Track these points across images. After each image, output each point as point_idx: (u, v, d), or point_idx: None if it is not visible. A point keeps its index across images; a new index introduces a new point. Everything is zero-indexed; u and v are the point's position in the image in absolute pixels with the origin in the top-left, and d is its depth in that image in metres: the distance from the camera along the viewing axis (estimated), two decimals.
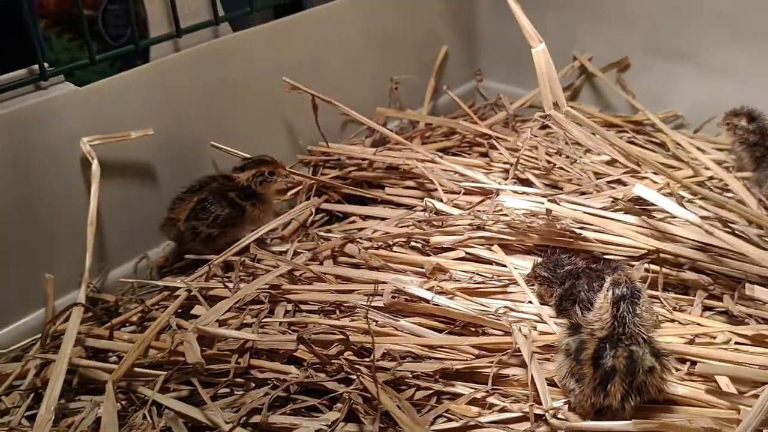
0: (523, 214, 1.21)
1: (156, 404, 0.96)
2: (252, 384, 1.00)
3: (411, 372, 0.99)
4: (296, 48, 1.47)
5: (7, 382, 1.02)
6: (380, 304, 1.11)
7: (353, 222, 1.40)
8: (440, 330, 1.08)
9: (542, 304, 1.10)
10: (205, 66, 1.33)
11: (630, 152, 1.10)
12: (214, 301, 1.12)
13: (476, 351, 1.03)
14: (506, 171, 1.41)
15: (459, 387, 0.98)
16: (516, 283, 1.14)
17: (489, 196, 1.32)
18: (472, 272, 1.18)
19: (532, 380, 0.95)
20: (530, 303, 1.10)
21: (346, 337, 0.99)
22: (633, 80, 1.65)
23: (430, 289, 1.12)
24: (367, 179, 1.48)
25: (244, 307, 1.11)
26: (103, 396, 0.94)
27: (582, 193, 1.30)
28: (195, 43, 1.34)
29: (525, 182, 1.37)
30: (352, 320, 1.10)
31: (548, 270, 1.10)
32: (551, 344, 1.01)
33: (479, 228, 1.23)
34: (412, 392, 0.97)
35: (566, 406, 0.93)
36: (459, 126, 1.57)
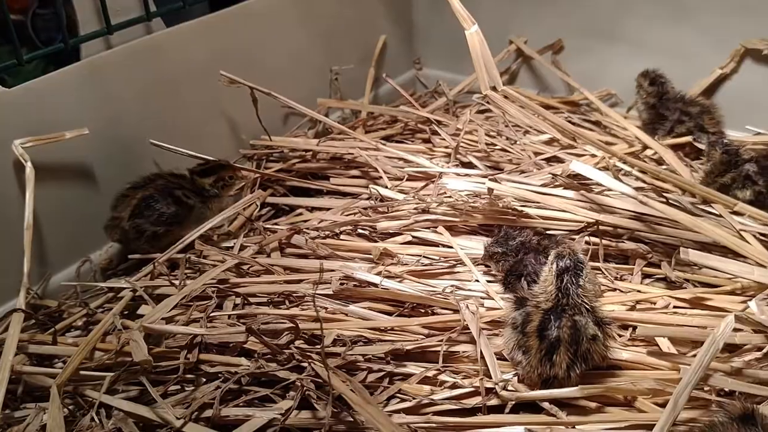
0: (467, 196, 1.23)
1: (105, 406, 0.95)
2: (203, 379, 0.99)
3: (362, 355, 1.00)
4: (233, 41, 1.46)
5: None
6: (329, 292, 1.11)
7: (300, 214, 1.40)
8: (390, 313, 1.08)
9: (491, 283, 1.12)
10: (139, 62, 1.30)
11: (566, 128, 1.13)
12: (161, 300, 1.10)
13: (426, 331, 1.04)
14: (448, 155, 1.43)
15: (411, 367, 0.99)
16: (463, 263, 1.16)
17: (432, 180, 1.33)
18: (420, 255, 1.19)
19: (482, 355, 0.96)
20: (477, 281, 1.12)
21: (296, 325, 0.99)
22: (567, 62, 1.68)
23: (379, 274, 1.12)
24: (312, 170, 1.48)
25: (191, 303, 1.10)
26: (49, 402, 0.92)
27: (522, 172, 1.32)
28: (128, 40, 1.31)
29: (467, 165, 1.39)
30: (303, 309, 1.10)
31: (501, 245, 1.12)
32: (499, 319, 1.03)
33: (424, 211, 1.24)
34: (365, 375, 0.97)
35: (515, 378, 0.95)
36: (401, 113, 1.58)
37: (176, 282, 1.14)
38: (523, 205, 1.19)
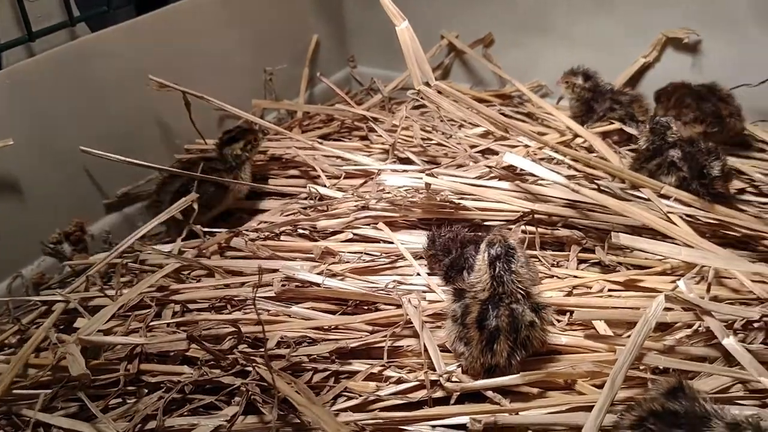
0: (405, 191, 1.24)
1: (43, 425, 0.92)
2: (144, 390, 0.97)
3: (307, 356, 0.99)
4: (162, 44, 1.43)
5: None
6: (272, 294, 1.10)
7: (240, 217, 1.39)
8: (334, 312, 1.08)
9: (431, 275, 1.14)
10: (65, 69, 1.26)
11: (498, 120, 1.15)
12: (98, 312, 1.07)
13: (370, 327, 1.04)
14: (386, 152, 1.43)
15: (356, 364, 0.99)
16: (404, 258, 1.17)
17: (371, 177, 1.34)
18: (361, 252, 1.19)
19: (425, 349, 0.97)
20: (418, 275, 1.13)
21: (238, 330, 0.98)
22: (498, 55, 1.71)
23: (320, 273, 1.12)
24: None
25: (130, 313, 1.08)
26: None
27: (459, 166, 1.34)
28: (51, 47, 1.27)
29: (405, 161, 1.40)
30: (245, 313, 1.09)
31: (431, 248, 1.13)
32: (441, 311, 1.04)
33: (364, 208, 1.24)
34: (310, 375, 0.97)
35: (459, 370, 0.96)
36: (336, 111, 1.58)
37: (111, 292, 1.11)
38: (461, 198, 1.21)
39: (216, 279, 1.16)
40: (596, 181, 1.21)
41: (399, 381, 0.96)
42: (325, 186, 1.32)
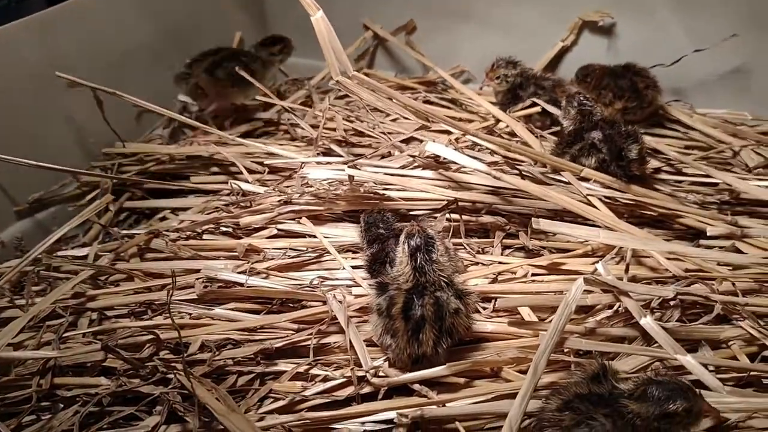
0: (329, 184, 1.22)
1: None
2: (60, 405, 0.93)
3: (232, 359, 0.97)
4: (73, 39, 1.37)
5: None
6: (194, 296, 1.07)
7: (164, 218, 1.34)
8: (258, 311, 1.06)
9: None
10: None
11: (418, 108, 1.14)
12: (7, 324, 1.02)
13: (296, 326, 1.03)
14: (310, 144, 1.41)
15: (282, 365, 0.97)
16: (329, 252, 1.15)
17: (295, 171, 1.31)
18: (286, 248, 1.17)
19: (351, 345, 0.96)
20: (344, 269, 1.11)
21: (157, 337, 0.95)
22: (421, 42, 1.71)
23: (244, 272, 1.09)
24: (170, 171, 1.42)
25: (42, 324, 1.03)
26: None
27: (383, 156, 1.32)
28: None
29: (329, 152, 1.38)
30: (166, 317, 1.05)
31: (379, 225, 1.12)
32: (367, 305, 1.03)
33: (287, 203, 1.22)
34: (234, 379, 0.95)
35: (386, 364, 0.95)
36: (259, 105, 1.55)
37: (22, 302, 1.05)
38: (385, 189, 1.20)
39: (135, 283, 1.12)
40: (518, 167, 1.21)
41: (325, 379, 0.94)
42: (248, 181, 1.29)
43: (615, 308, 0.99)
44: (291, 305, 1.07)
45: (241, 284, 1.07)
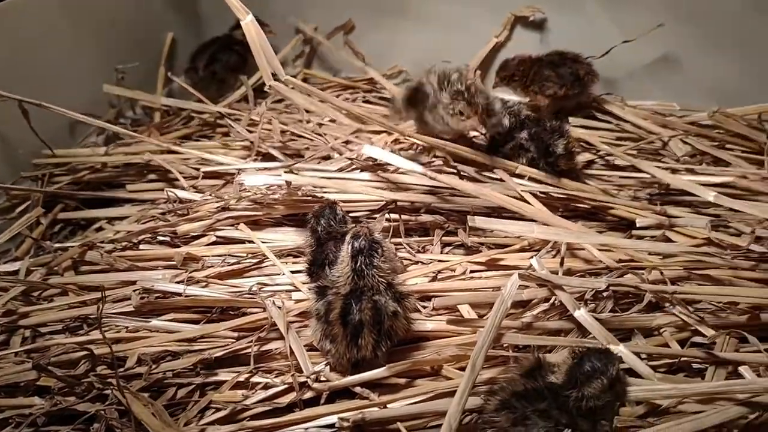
0: (267, 188, 1.21)
1: None
2: None
3: (171, 371, 0.96)
4: None
5: None
6: (130, 308, 1.05)
7: (100, 228, 1.31)
8: (198, 321, 1.05)
9: None
10: None
11: (352, 111, 1.14)
12: None
13: (236, 334, 1.02)
14: (247, 149, 1.40)
15: (222, 374, 0.97)
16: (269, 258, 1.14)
17: (233, 177, 1.30)
18: (225, 255, 1.16)
19: (292, 351, 0.96)
20: (283, 275, 1.11)
21: (91, 352, 0.93)
22: (360, 41, 1.70)
23: (182, 282, 1.08)
24: (105, 180, 1.39)
25: None
26: None
27: (321, 158, 1.32)
28: None
29: (268, 156, 1.36)
30: (102, 331, 1.03)
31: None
32: (308, 310, 1.02)
33: (225, 209, 1.21)
34: (174, 391, 0.94)
35: (327, 368, 0.95)
36: (192, 108, 1.53)
37: None
38: (324, 192, 1.20)
39: (69, 297, 1.10)
40: (455, 165, 1.22)
41: (266, 386, 0.94)
42: (184, 189, 1.27)
43: (551, 302, 1.01)
44: (231, 313, 1.06)
45: (179, 294, 1.06)
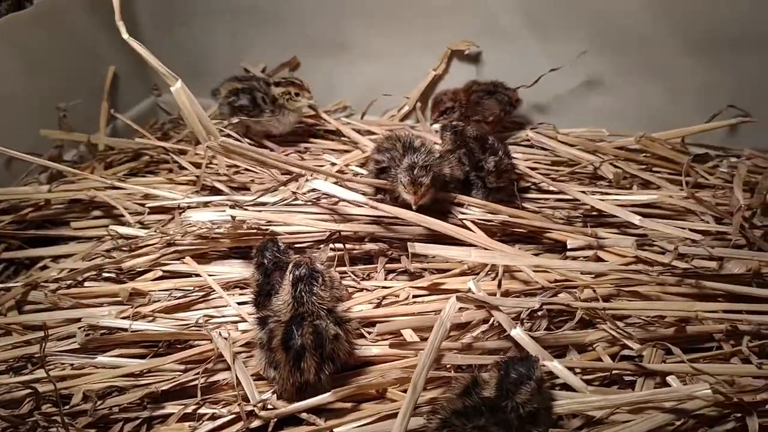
0: (212, 223, 1.22)
1: None
2: None
3: (117, 406, 0.96)
4: None
5: None
6: (76, 346, 1.05)
7: (45, 267, 1.31)
8: (145, 356, 1.06)
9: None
10: None
11: (289, 162, 1.17)
12: None
13: (183, 366, 1.03)
14: (194, 182, 1.41)
15: (169, 407, 0.98)
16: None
17: (181, 211, 1.31)
18: (171, 289, 1.17)
19: (239, 380, 0.97)
20: (230, 306, 1.12)
21: (35, 391, 0.93)
22: (305, 77, 1.73)
23: (128, 317, 1.09)
24: (49, 218, 1.39)
25: None
26: None
27: (267, 191, 1.34)
28: None
29: (214, 190, 1.38)
30: (46, 369, 1.02)
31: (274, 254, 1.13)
32: (253, 340, 1.04)
33: (170, 244, 1.22)
34: (120, 426, 0.94)
35: (274, 396, 0.97)
36: (137, 145, 1.54)
37: None
38: (269, 224, 1.22)
39: (13, 337, 1.09)
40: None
41: (214, 417, 0.95)
42: (130, 225, 1.28)
43: (490, 322, 1.05)
44: (178, 346, 1.07)
45: (125, 329, 1.06)
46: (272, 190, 1.31)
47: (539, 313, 1.05)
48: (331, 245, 1.22)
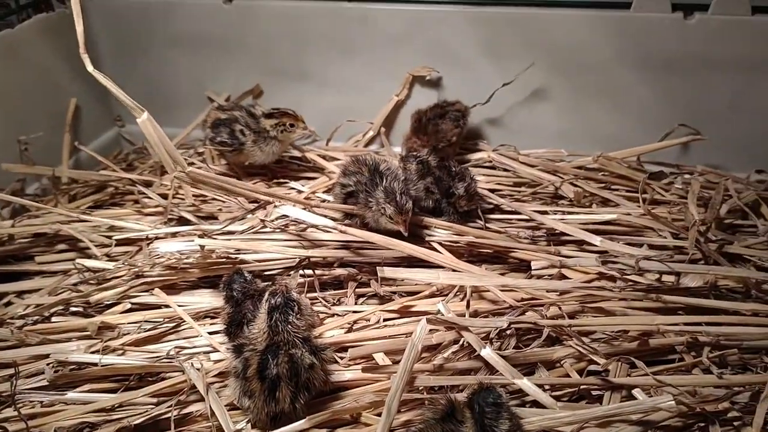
0: (181, 253, 1.23)
1: None
2: None
3: None
4: None
5: None
6: (45, 383, 1.04)
7: (9, 303, 1.29)
8: (116, 390, 1.05)
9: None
10: None
11: (255, 190, 1.17)
12: None
13: (155, 399, 1.02)
14: (161, 213, 1.41)
15: None
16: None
17: (149, 242, 1.31)
18: (141, 321, 1.16)
19: (213, 411, 0.97)
20: (201, 336, 1.12)
21: (5, 430, 0.91)
22: (269, 105, 1.75)
23: (97, 351, 1.08)
24: (12, 253, 1.37)
25: None
26: None
27: (235, 219, 1.34)
28: None
29: (182, 220, 1.38)
30: (16, 408, 1.01)
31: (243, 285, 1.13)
32: (227, 369, 1.04)
33: (138, 276, 1.21)
34: None
35: (249, 426, 0.97)
36: (101, 178, 1.54)
37: None
38: (238, 252, 1.23)
39: None
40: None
41: None
42: (96, 258, 1.27)
43: (460, 343, 1.07)
44: (150, 379, 1.07)
45: (95, 364, 1.05)
46: (240, 218, 1.32)
47: (508, 332, 1.07)
48: (301, 271, 1.23)
